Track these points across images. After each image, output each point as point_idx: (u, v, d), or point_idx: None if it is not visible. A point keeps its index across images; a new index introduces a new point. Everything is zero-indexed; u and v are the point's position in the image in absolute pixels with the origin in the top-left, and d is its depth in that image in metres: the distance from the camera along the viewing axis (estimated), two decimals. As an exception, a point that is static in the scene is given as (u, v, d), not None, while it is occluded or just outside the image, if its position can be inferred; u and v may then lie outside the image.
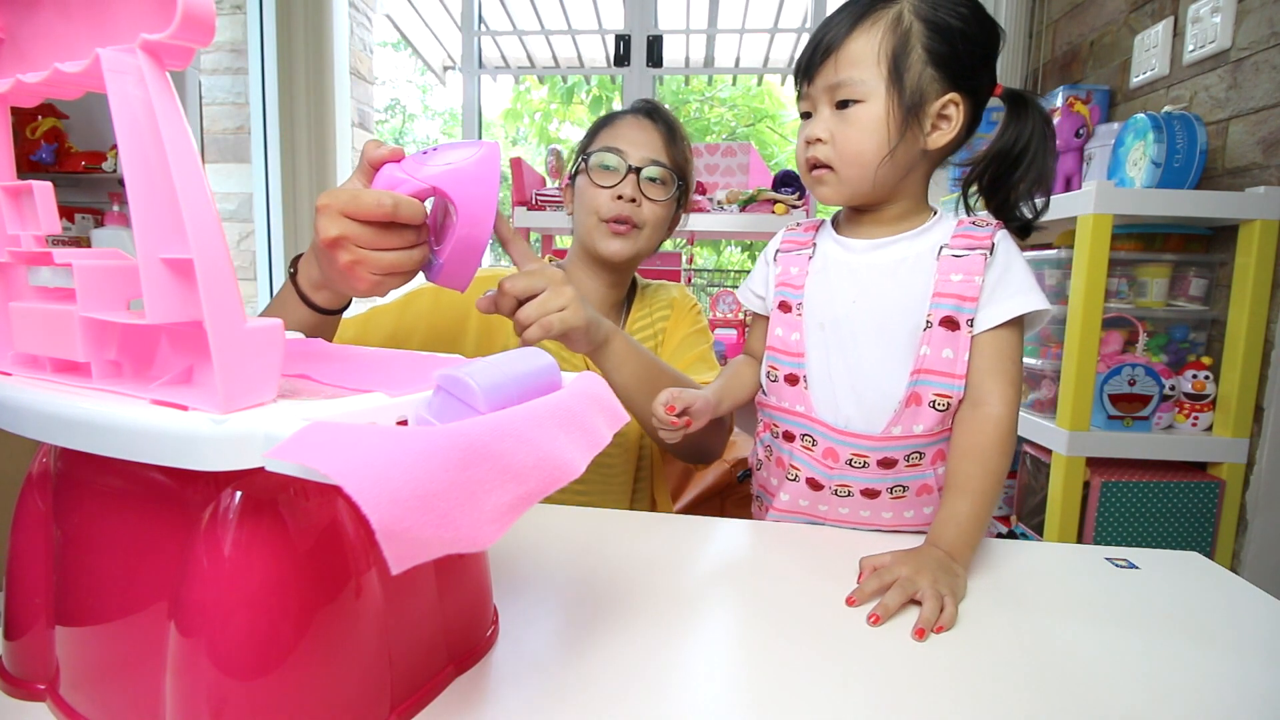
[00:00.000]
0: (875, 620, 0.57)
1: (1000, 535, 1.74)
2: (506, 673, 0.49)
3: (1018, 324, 0.74)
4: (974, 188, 0.81)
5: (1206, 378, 1.41)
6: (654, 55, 2.69)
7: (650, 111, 1.06)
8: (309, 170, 2.67)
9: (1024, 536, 1.63)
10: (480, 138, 2.85)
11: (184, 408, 0.32)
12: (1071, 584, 0.67)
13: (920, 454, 0.76)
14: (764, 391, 0.86)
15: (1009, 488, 1.80)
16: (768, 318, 0.87)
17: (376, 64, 3.26)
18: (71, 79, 0.34)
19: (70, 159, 2.13)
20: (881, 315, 0.76)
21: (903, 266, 0.77)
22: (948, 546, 0.66)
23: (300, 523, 0.36)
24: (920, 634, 0.55)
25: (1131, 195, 1.35)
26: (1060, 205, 1.44)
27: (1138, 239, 1.48)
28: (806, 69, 0.77)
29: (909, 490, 0.77)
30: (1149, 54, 1.64)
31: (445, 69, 5.10)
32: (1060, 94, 1.74)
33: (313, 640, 0.36)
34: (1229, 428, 1.37)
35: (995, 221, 0.77)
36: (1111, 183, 1.36)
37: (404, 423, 0.38)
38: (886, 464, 0.76)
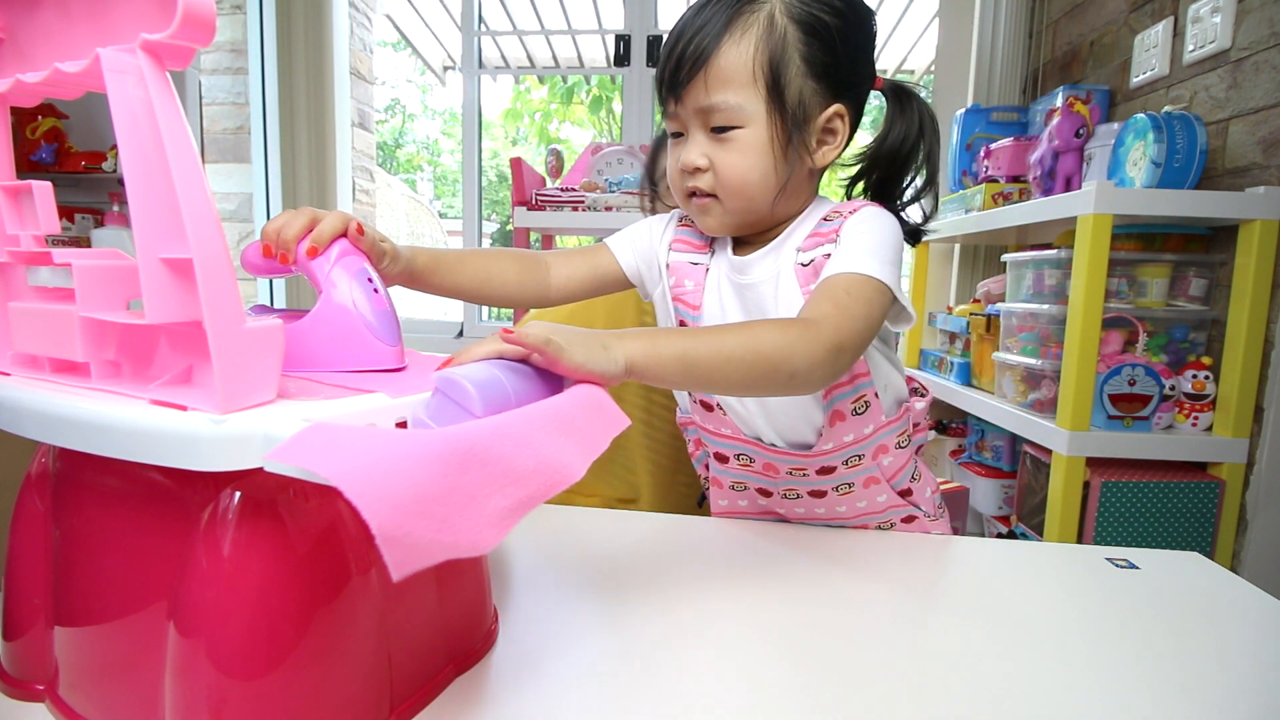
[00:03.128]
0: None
1: (1000, 535, 1.75)
2: (506, 673, 0.49)
3: (871, 282, 0.62)
4: (858, 189, 0.75)
5: (1206, 378, 1.40)
6: (654, 55, 2.69)
7: None
8: (309, 170, 2.66)
9: (1024, 536, 1.63)
10: (480, 137, 2.85)
11: (183, 408, 0.32)
12: (1071, 584, 0.67)
13: (859, 456, 0.73)
14: (685, 410, 0.81)
15: (1008, 487, 1.80)
16: (614, 264, 0.78)
17: (376, 64, 3.25)
18: (71, 79, 0.34)
19: (70, 159, 2.13)
20: None
21: (780, 284, 0.69)
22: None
23: (300, 523, 0.36)
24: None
25: (1131, 195, 1.35)
26: (1060, 205, 1.44)
27: (1138, 239, 1.48)
28: (671, 85, 0.67)
29: (855, 485, 0.75)
30: (1149, 54, 1.63)
31: (445, 69, 5.10)
32: (1060, 94, 1.74)
33: (312, 641, 0.36)
34: (1229, 428, 1.37)
35: (859, 204, 0.69)
36: (1111, 183, 1.36)
37: (403, 424, 0.38)
38: (825, 471, 0.74)
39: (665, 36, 0.68)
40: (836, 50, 0.65)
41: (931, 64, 2.51)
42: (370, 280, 0.52)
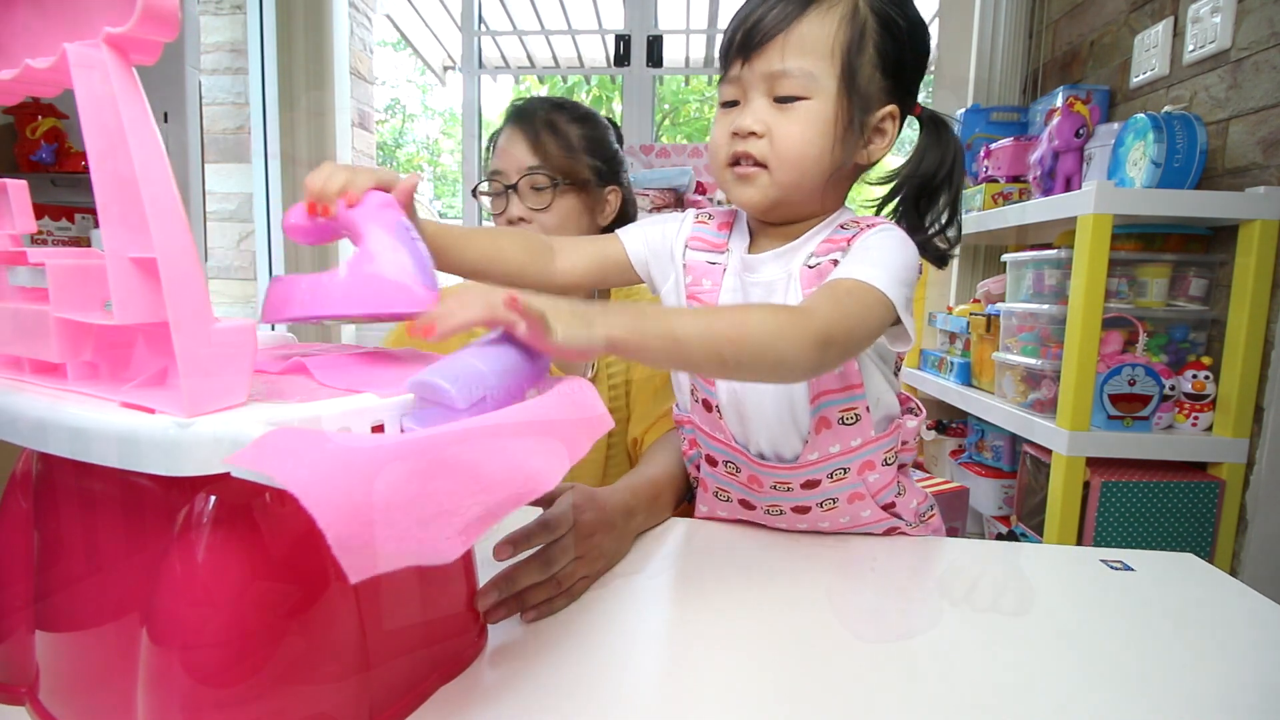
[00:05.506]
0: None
1: (1000, 536, 1.74)
2: (493, 681, 0.48)
3: (874, 291, 0.61)
4: (886, 211, 0.75)
5: (1206, 378, 1.40)
6: (654, 55, 2.68)
7: (518, 115, 1.02)
8: (309, 170, 2.64)
9: (1024, 537, 1.62)
10: (480, 137, 2.84)
11: (152, 410, 0.32)
12: (1066, 586, 0.66)
13: (844, 469, 0.73)
14: (684, 408, 0.80)
15: (1008, 487, 1.79)
16: (622, 253, 0.77)
17: (376, 64, 3.25)
18: (42, 75, 0.34)
19: (70, 159, 2.12)
20: None
21: (789, 286, 0.69)
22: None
23: (275, 528, 0.36)
24: None
25: (1131, 195, 1.34)
26: (1060, 205, 1.43)
27: (1138, 239, 1.48)
28: (744, 46, 0.66)
29: (839, 500, 0.74)
30: (1149, 54, 1.62)
31: (445, 69, 5.10)
32: (1060, 94, 1.73)
33: (287, 648, 0.35)
34: (1229, 428, 1.36)
35: (878, 220, 0.71)
36: (1111, 183, 1.35)
37: (380, 428, 0.37)
38: (810, 485, 0.73)
39: (739, 7, 0.68)
40: (904, 51, 0.67)
41: (931, 64, 2.50)
42: (409, 229, 0.51)
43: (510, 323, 0.44)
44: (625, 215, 1.07)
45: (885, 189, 0.75)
